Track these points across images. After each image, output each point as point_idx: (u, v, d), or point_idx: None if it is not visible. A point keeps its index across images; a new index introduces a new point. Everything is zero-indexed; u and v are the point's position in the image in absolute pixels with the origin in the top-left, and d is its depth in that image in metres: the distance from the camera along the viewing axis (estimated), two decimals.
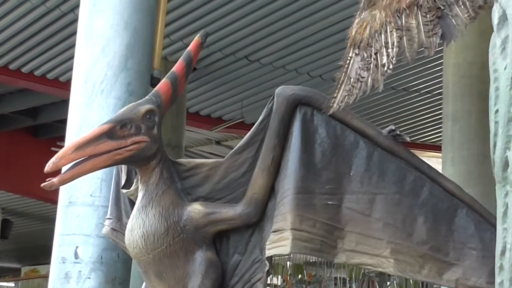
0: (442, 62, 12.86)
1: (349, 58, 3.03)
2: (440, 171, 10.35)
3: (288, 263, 22.87)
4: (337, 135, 4.85)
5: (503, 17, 2.41)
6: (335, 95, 3.18)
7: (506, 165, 2.36)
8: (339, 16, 13.45)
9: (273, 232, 4.77)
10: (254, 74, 17.18)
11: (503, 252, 2.38)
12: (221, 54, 16.11)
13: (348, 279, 22.52)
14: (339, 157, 4.89)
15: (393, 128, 4.90)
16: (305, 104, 4.76)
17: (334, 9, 14.02)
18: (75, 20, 7.14)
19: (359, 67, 2.97)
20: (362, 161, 4.88)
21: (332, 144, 4.87)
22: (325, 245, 4.79)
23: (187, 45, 5.21)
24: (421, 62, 14.93)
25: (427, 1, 2.80)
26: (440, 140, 14.44)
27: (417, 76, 16.94)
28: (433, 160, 16.53)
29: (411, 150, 5.22)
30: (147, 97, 5.00)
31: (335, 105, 3.18)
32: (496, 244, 2.43)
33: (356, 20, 2.97)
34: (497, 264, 2.42)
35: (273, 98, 4.85)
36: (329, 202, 4.82)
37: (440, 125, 14.07)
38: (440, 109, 13.81)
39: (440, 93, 14.28)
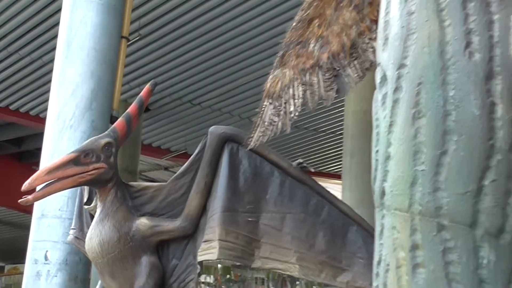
0: (344, 109, 13.01)
1: (264, 106, 3.05)
2: (340, 196, 10.36)
3: (219, 265, 22.94)
4: (257, 166, 4.92)
5: (384, 78, 2.45)
6: (252, 135, 3.20)
7: (383, 193, 2.39)
8: (264, 71, 13.52)
9: (204, 242, 4.87)
10: (196, 115, 17.35)
11: (379, 262, 2.41)
12: (170, 98, 16.29)
13: (266, 279, 22.73)
14: (258, 184, 4.97)
15: (301, 161, 5.01)
16: (232, 141, 4.85)
17: (262, 65, 14.13)
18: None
19: (272, 113, 2.98)
20: (276, 187, 4.96)
21: (252, 173, 4.94)
22: (245, 253, 4.87)
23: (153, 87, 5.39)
24: (328, 109, 15.08)
25: (326, 63, 2.82)
26: (341, 170, 14.56)
27: (324, 119, 17.18)
28: (336, 187, 16.66)
29: (319, 179, 5.31)
30: (106, 132, 5.11)
31: (252, 143, 3.21)
32: (374, 256, 2.46)
33: (270, 76, 2.99)
34: (374, 272, 2.45)
35: (207, 135, 4.93)
36: (249, 219, 4.91)
37: (341, 159, 14.20)
38: (341, 146, 13.94)
39: (341, 133, 14.41)
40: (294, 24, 2.88)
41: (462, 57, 2.32)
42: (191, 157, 5.10)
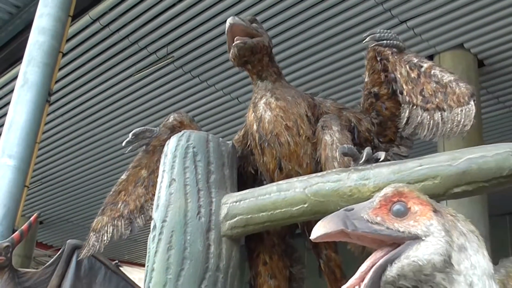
0: None
1: (91, 235, 2.93)
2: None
3: None
4: (92, 263, 4.76)
5: (154, 226, 2.44)
6: (83, 251, 3.08)
7: None
8: None
9: None
10: (70, 227, 16.40)
11: None
12: (55, 217, 15.46)
13: None
14: (92, 273, 4.80)
15: (117, 261, 4.90)
16: (79, 249, 4.71)
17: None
18: None
19: (94, 240, 2.87)
20: (102, 276, 4.80)
21: (89, 267, 4.77)
22: None
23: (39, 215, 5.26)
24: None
25: (126, 215, 2.77)
26: None
27: (140, 233, 16.67)
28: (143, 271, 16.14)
29: (136, 267, 5.21)
30: (8, 239, 4.88)
31: (82, 255, 3.09)
32: None
33: (95, 220, 2.90)
34: None
35: (65, 245, 4.79)
36: None
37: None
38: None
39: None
40: (111, 193, 2.85)
41: (195, 219, 2.37)
42: (55, 256, 4.94)
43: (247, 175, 2.60)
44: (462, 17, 6.87)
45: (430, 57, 7.24)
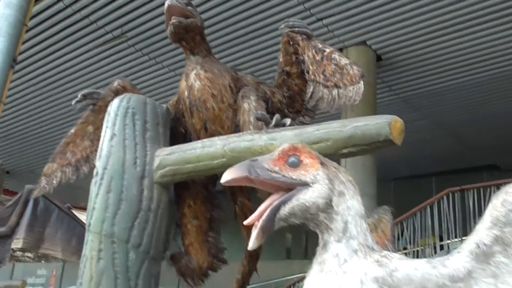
0: None
1: (42, 179, 2.73)
2: None
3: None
4: (47, 205, 4.66)
5: (97, 172, 2.37)
6: (35, 193, 2.93)
7: (89, 225, 2.30)
8: None
9: (16, 238, 4.61)
10: (31, 178, 15.20)
11: (84, 255, 2.28)
12: (18, 168, 14.65)
13: None
14: (47, 214, 4.70)
15: (69, 205, 4.80)
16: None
17: None
18: None
19: (45, 183, 2.72)
20: (55, 216, 4.73)
21: (44, 208, 4.67)
22: (36, 245, 4.68)
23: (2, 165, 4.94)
24: None
25: (74, 163, 2.63)
26: None
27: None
28: None
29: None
30: None
31: (34, 195, 2.94)
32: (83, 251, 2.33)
33: (46, 166, 2.72)
34: (82, 261, 2.32)
35: (24, 189, 4.61)
36: (39, 230, 4.61)
37: None
38: None
39: None
40: (61, 143, 2.73)
41: (132, 168, 2.31)
42: (15, 198, 4.76)
43: (178, 134, 2.57)
44: (367, 18, 7.00)
45: (340, 50, 7.34)
